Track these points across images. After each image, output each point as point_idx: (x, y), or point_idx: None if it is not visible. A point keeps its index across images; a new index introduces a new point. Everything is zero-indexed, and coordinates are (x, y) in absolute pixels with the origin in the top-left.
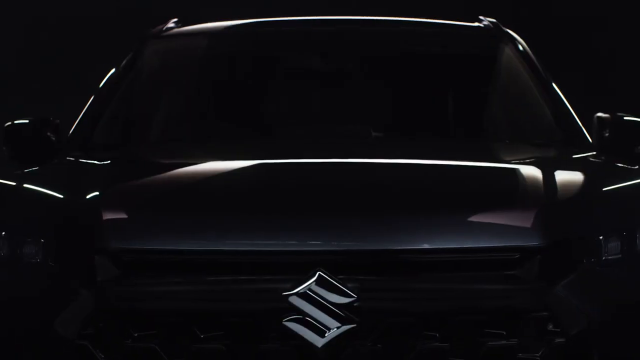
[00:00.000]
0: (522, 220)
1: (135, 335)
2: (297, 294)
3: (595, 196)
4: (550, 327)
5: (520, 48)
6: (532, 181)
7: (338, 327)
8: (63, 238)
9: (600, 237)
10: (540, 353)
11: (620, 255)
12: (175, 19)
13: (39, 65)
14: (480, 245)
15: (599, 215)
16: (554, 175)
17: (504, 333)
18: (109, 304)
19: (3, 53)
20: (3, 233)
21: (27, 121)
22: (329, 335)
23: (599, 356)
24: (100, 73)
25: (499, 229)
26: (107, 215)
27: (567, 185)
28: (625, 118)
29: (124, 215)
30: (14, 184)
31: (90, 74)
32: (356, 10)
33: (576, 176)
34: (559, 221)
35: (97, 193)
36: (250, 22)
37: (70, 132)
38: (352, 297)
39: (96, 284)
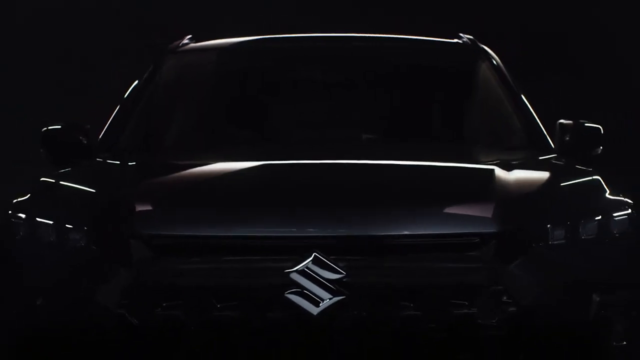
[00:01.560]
0: (481, 211)
1: (164, 304)
2: (296, 271)
3: (546, 191)
4: (504, 298)
5: (494, 63)
6: (493, 179)
7: (330, 299)
8: (102, 226)
9: (548, 226)
10: (496, 320)
11: (564, 241)
12: (190, 36)
13: (69, 75)
14: (447, 232)
15: (548, 208)
16: (512, 174)
17: (466, 303)
18: (142, 279)
19: (41, 66)
20: (51, 222)
21: (60, 126)
22: (323, 305)
23: (544, 322)
24: (123, 82)
25: (463, 218)
26: (139, 207)
27: (523, 182)
28: (585, 124)
29: (153, 207)
30: (57, 181)
31: (115, 82)
32: (351, 28)
33: (532, 175)
34: (513, 212)
35: (130, 189)
36: (256, 39)
37: (100, 136)
38: (342, 274)
39: (131, 263)
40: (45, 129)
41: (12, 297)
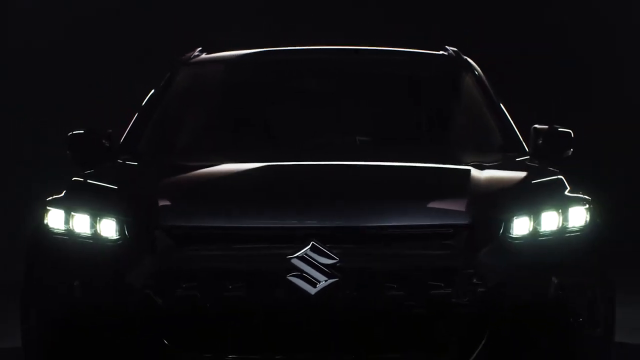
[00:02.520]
0: (456, 206)
1: (183, 286)
2: (297, 257)
3: (513, 188)
4: (475, 280)
5: (476, 73)
6: (468, 178)
7: (326, 281)
8: (130, 219)
9: (513, 218)
10: (467, 299)
11: (526, 232)
12: (200, 48)
13: (91, 83)
14: (427, 223)
15: (513, 203)
16: (485, 174)
17: (442, 285)
18: (165, 265)
19: (64, 75)
20: (86, 215)
21: (84, 131)
22: (319, 286)
23: (509, 301)
24: (139, 90)
25: (440, 211)
26: (161, 203)
27: (493, 181)
28: (558, 129)
29: (173, 203)
30: (87, 180)
31: (136, 89)
32: (346, 40)
33: (502, 174)
34: (483, 206)
35: (152, 187)
36: (260, 51)
37: (121, 140)
38: (335, 259)
39: (155, 251)
40: (70, 133)
41: (53, 280)
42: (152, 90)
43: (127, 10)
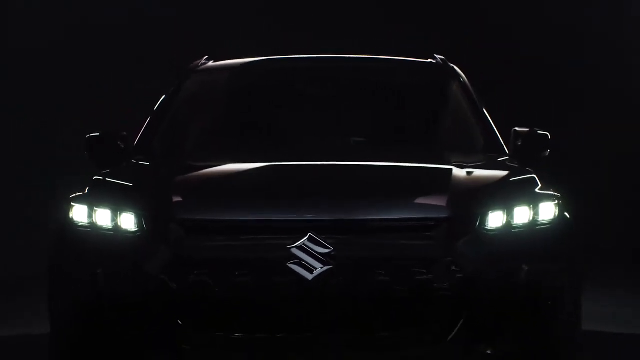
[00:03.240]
0: (437, 201)
1: (195, 272)
2: (296, 247)
3: (489, 186)
4: (453, 268)
5: (462, 80)
6: (449, 176)
7: (321, 268)
8: (147, 213)
9: (488, 213)
10: (447, 284)
11: (500, 225)
12: (207, 57)
13: (107, 88)
14: (411, 216)
15: (488, 199)
16: (464, 172)
17: (424, 271)
18: (178, 254)
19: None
20: (108, 210)
21: (100, 134)
22: (316, 272)
23: (483, 286)
24: (151, 96)
25: (423, 206)
26: (175, 199)
27: (472, 179)
28: (537, 132)
29: (185, 198)
30: (106, 178)
31: (150, 94)
32: (343, 48)
33: (481, 173)
34: (461, 202)
35: (166, 184)
36: (262, 60)
37: (135, 142)
38: (330, 249)
39: (170, 241)
40: (88, 135)
41: (78, 268)
42: (163, 96)
43: (129, 11)
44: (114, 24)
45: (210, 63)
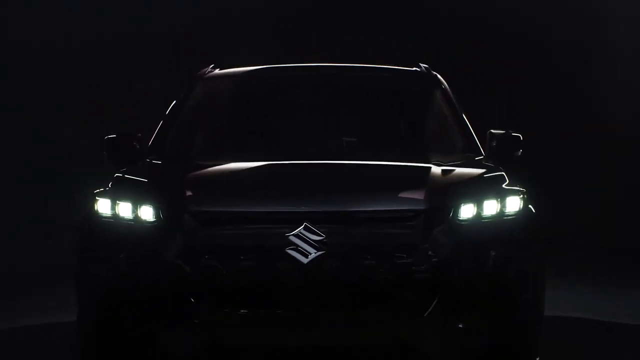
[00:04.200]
0: (416, 195)
1: (206, 257)
2: (293, 234)
3: (462, 181)
4: (429, 253)
5: (443, 87)
6: (427, 173)
7: (315, 253)
8: (163, 205)
9: (461, 205)
10: (424, 267)
11: (471, 216)
12: (213, 64)
13: (123, 92)
14: (393, 208)
15: (461, 193)
16: (441, 169)
17: (405, 256)
18: (191, 241)
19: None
20: (129, 203)
21: (116, 135)
22: (310, 257)
23: (456, 269)
24: (164, 100)
25: (403, 199)
26: (188, 193)
27: (447, 175)
28: (512, 134)
29: (197, 193)
30: (125, 175)
31: (163, 97)
32: (336, 57)
33: (455, 170)
34: (437, 195)
35: (180, 180)
36: (263, 68)
37: (150, 143)
38: (323, 236)
39: (184, 230)
40: (106, 137)
41: (103, 254)
42: (174, 101)
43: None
44: (120, 31)
45: (217, 71)
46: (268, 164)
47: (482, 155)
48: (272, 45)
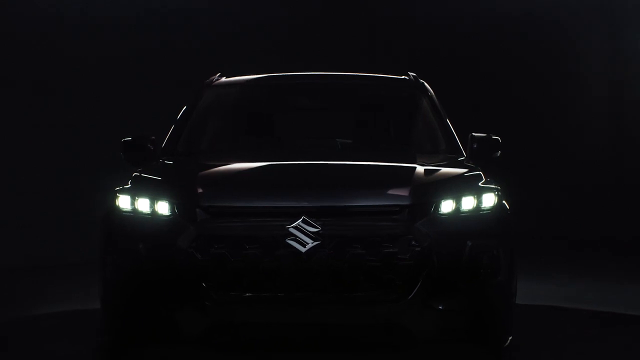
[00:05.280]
0: (401, 192)
1: (215, 246)
2: (293, 227)
3: (442, 179)
4: (413, 242)
5: (429, 94)
6: (412, 172)
7: (312, 243)
8: (178, 200)
9: (441, 201)
10: (408, 255)
11: (450, 210)
12: (219, 73)
13: (139, 98)
14: (381, 203)
15: (442, 190)
16: (424, 169)
17: (391, 245)
18: (203, 232)
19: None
20: (146, 199)
21: (132, 138)
22: (308, 246)
23: (436, 257)
24: (175, 105)
25: (390, 195)
26: (199, 190)
27: (430, 174)
28: (492, 136)
29: (207, 190)
30: (143, 174)
31: (176, 102)
32: (332, 66)
33: (438, 169)
34: (420, 192)
35: (192, 178)
36: (265, 76)
37: (163, 145)
38: (319, 228)
39: (196, 222)
40: (123, 139)
41: (124, 244)
42: (185, 107)
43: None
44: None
45: (223, 79)
46: (270, 164)
47: (463, 156)
48: (272, 56)
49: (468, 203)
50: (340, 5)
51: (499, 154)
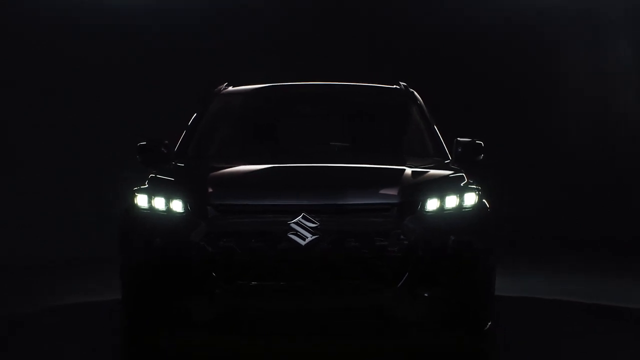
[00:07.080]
0: (391, 191)
1: (224, 240)
2: (294, 222)
3: (428, 180)
4: (401, 237)
5: (418, 102)
6: (401, 174)
7: (311, 237)
8: (190, 199)
9: (427, 199)
10: (397, 248)
11: (435, 208)
12: (226, 82)
13: (153, 104)
14: (375, 202)
15: (427, 190)
16: (412, 170)
17: (382, 239)
18: (213, 228)
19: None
20: (162, 198)
21: (146, 142)
22: (307, 240)
23: (421, 250)
24: (186, 113)
25: (381, 194)
26: (210, 190)
27: (417, 176)
28: (475, 141)
29: (217, 189)
30: (158, 175)
31: (188, 109)
32: (330, 76)
33: (425, 171)
34: (408, 192)
35: (203, 179)
36: (269, 86)
37: (175, 149)
38: (317, 224)
39: (207, 219)
40: (138, 143)
41: (142, 238)
42: (195, 114)
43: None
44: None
45: (230, 88)
46: (273, 166)
47: (449, 159)
48: (273, 56)
49: (451, 202)
50: (338, 10)
51: (481, 157)
